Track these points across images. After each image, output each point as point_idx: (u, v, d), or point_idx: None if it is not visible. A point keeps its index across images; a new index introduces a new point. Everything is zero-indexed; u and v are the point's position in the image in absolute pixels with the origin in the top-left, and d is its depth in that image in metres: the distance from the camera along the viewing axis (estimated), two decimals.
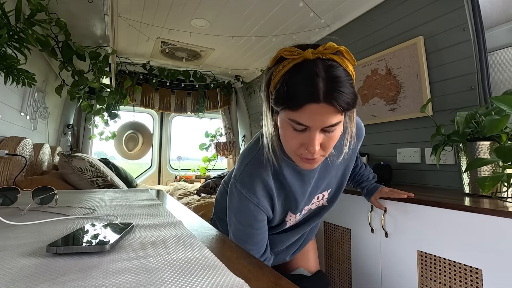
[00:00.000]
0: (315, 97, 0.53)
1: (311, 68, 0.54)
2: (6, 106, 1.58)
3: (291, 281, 0.31)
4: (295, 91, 0.55)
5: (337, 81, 0.54)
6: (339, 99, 0.54)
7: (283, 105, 0.57)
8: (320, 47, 0.56)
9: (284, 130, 0.62)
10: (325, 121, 0.56)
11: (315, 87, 0.53)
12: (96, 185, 1.72)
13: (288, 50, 0.57)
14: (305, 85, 0.54)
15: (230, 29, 2.32)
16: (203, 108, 3.69)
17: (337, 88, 0.53)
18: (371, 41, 1.88)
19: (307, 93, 0.54)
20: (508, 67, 1.41)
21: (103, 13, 1.48)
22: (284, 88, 0.56)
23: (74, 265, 0.31)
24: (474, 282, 0.90)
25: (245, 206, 0.72)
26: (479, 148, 1.08)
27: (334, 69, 0.55)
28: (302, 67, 0.55)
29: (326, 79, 0.54)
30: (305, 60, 0.56)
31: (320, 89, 0.53)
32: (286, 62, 0.57)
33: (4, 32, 1.08)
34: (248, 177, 0.71)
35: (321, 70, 0.54)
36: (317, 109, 0.54)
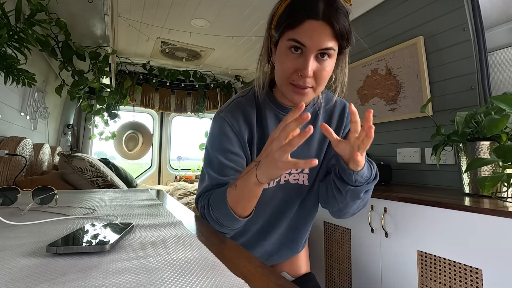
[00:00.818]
0: (315, 13, 0.57)
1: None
2: (6, 106, 1.58)
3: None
4: (295, 8, 0.60)
5: (335, 4, 0.59)
6: (337, 18, 0.58)
7: (284, 23, 0.61)
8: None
9: (280, 56, 0.65)
10: (322, 40, 0.59)
11: (314, 4, 0.58)
12: (96, 185, 1.72)
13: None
14: (306, 2, 0.59)
15: (230, 29, 2.32)
16: (203, 108, 3.69)
17: (336, 8, 0.59)
18: (371, 41, 1.88)
19: (306, 9, 0.58)
20: (508, 67, 1.41)
21: (103, 13, 1.48)
22: (285, 11, 0.61)
23: (74, 265, 0.31)
24: (474, 282, 0.90)
25: (224, 130, 0.72)
26: (479, 148, 1.08)
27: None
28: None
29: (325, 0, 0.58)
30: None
31: (319, 7, 0.58)
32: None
33: (4, 32, 1.08)
34: (234, 107, 0.74)
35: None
36: (316, 26, 0.58)
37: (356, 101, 1.99)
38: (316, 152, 0.80)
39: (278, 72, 0.67)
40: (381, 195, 1.21)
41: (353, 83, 2.01)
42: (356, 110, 0.58)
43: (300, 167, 0.50)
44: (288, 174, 0.79)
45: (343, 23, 0.60)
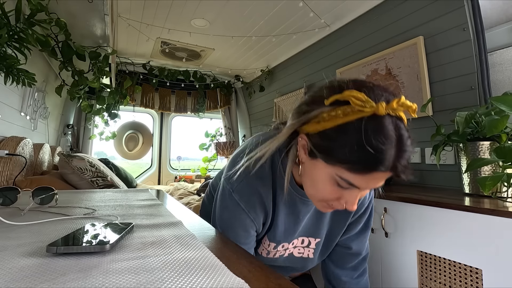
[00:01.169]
0: (385, 166, 0.47)
1: (383, 131, 0.46)
2: (6, 106, 1.58)
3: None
4: (364, 155, 0.47)
5: (407, 150, 0.49)
6: (406, 171, 0.50)
7: (342, 164, 0.49)
8: (394, 102, 0.48)
9: (321, 181, 0.54)
10: (378, 184, 0.52)
11: (387, 156, 0.47)
12: (96, 185, 1.72)
13: (359, 99, 0.47)
14: (379, 151, 0.46)
15: (230, 29, 2.32)
16: (203, 108, 3.69)
17: (406, 158, 0.49)
18: (371, 41, 1.88)
19: (378, 161, 0.47)
20: (508, 67, 1.41)
21: (103, 13, 1.48)
22: (343, 142, 0.48)
23: (74, 265, 0.31)
24: (474, 282, 0.90)
25: (241, 219, 0.66)
26: (479, 148, 1.08)
27: (403, 133, 0.48)
28: (373, 127, 0.47)
29: (396, 146, 0.47)
30: (374, 115, 0.47)
31: (391, 157, 0.47)
32: (349, 109, 0.48)
33: (4, 32, 1.08)
34: (249, 190, 0.65)
35: (392, 134, 0.47)
36: (380, 175, 0.49)
37: None
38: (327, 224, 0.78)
39: (313, 190, 0.58)
40: (381, 195, 1.21)
41: None
42: None
43: None
44: (293, 247, 0.77)
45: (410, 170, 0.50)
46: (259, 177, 0.65)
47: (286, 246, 0.75)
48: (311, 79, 2.50)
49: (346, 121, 0.48)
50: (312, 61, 2.47)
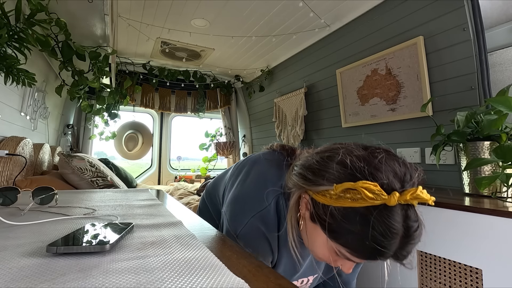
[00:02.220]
0: (385, 257, 0.47)
1: (390, 227, 0.45)
2: (6, 106, 1.58)
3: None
4: (366, 247, 0.46)
5: (412, 243, 0.47)
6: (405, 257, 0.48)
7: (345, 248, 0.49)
8: (408, 195, 0.45)
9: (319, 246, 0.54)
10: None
11: (390, 249, 0.46)
12: (96, 185, 1.72)
13: (372, 191, 0.44)
14: (382, 246, 0.45)
15: (230, 29, 2.32)
16: (203, 108, 3.69)
17: (410, 250, 0.48)
18: (371, 41, 1.88)
19: (379, 254, 0.46)
20: (508, 67, 1.41)
21: (103, 13, 1.48)
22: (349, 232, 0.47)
23: (74, 265, 0.31)
24: (474, 282, 0.90)
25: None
26: (479, 148, 1.08)
27: (411, 224, 0.47)
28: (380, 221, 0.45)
29: (401, 239, 0.46)
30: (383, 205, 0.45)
31: (393, 249, 0.46)
32: (358, 195, 0.46)
33: (4, 32, 1.08)
34: (254, 234, 0.62)
35: (399, 227, 0.45)
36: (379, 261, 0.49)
37: (356, 101, 1.99)
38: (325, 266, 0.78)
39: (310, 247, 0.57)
40: None
41: (353, 83, 2.01)
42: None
43: None
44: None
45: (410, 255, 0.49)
46: (263, 219, 0.62)
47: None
48: (311, 79, 2.50)
49: (353, 207, 0.46)
50: (312, 61, 2.47)
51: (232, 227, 0.64)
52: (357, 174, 0.47)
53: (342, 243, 0.48)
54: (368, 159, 0.50)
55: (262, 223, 0.62)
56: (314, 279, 0.79)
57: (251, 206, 0.63)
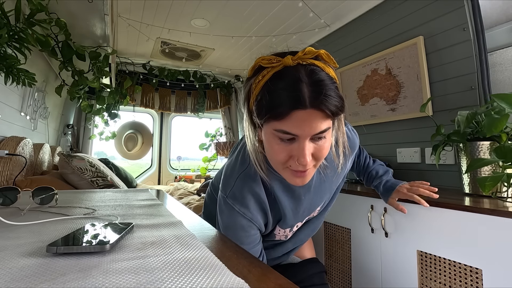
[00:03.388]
0: (302, 102, 0.50)
1: (293, 74, 0.52)
2: (6, 106, 1.58)
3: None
4: (279, 98, 0.51)
5: (322, 84, 0.51)
6: (327, 102, 0.51)
7: (267, 114, 0.53)
8: (299, 53, 0.53)
9: (269, 143, 0.58)
10: (314, 127, 0.53)
11: (300, 92, 0.50)
12: (96, 185, 1.72)
13: (266, 59, 0.55)
14: (289, 91, 0.51)
15: (230, 29, 2.32)
16: (203, 108, 3.70)
17: (323, 91, 0.51)
18: (371, 41, 1.88)
19: (292, 99, 0.51)
20: (508, 67, 1.41)
21: (103, 13, 1.48)
22: (266, 98, 0.53)
23: (74, 265, 0.31)
24: (474, 282, 0.90)
25: (238, 222, 0.68)
26: (479, 148, 1.08)
27: (317, 73, 0.52)
28: (283, 74, 0.53)
29: (310, 83, 0.51)
30: (285, 67, 0.53)
31: (305, 94, 0.50)
32: (265, 71, 0.54)
33: (4, 32, 1.08)
34: (240, 191, 0.67)
35: (303, 75, 0.52)
36: (305, 115, 0.51)
37: (356, 101, 1.99)
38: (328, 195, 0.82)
39: (271, 157, 0.61)
40: None
41: (353, 83, 2.01)
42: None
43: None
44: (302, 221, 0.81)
45: (334, 101, 0.52)
46: (248, 176, 0.68)
47: (300, 224, 0.81)
48: None
49: (265, 81, 0.54)
50: None
51: (223, 191, 0.70)
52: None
53: (265, 114, 0.54)
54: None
55: (246, 180, 0.68)
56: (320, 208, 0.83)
57: (237, 169, 0.70)
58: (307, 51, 0.53)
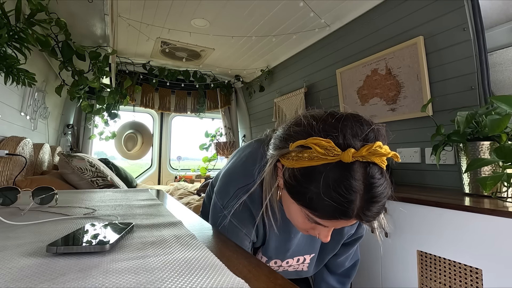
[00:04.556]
0: (347, 216, 0.45)
1: (346, 182, 0.43)
2: (6, 106, 1.58)
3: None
4: (325, 205, 0.45)
5: (377, 200, 0.45)
6: (372, 218, 0.47)
7: (305, 207, 0.48)
8: (364, 150, 0.44)
9: (293, 213, 0.54)
10: (347, 225, 0.51)
11: (350, 207, 0.44)
12: (96, 185, 1.72)
13: (322, 146, 0.44)
14: (339, 203, 0.44)
15: (230, 29, 2.32)
16: (203, 108, 3.70)
17: (374, 210, 0.46)
18: (371, 41, 1.88)
19: (338, 212, 0.45)
20: (508, 67, 1.41)
21: (103, 13, 1.48)
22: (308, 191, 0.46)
23: (74, 265, 0.31)
24: (474, 282, 0.90)
25: (234, 233, 0.66)
26: (479, 148, 1.08)
27: (374, 181, 0.44)
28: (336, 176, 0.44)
29: (364, 196, 0.44)
30: (340, 161, 0.44)
31: (355, 208, 0.44)
32: (314, 154, 0.45)
33: (4, 32, 1.08)
34: (239, 206, 0.64)
35: (358, 183, 0.44)
36: (344, 221, 0.48)
37: (356, 101, 1.99)
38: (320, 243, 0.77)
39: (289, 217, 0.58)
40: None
41: (353, 83, 2.01)
42: None
43: None
44: (288, 266, 0.77)
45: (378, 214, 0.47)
46: (250, 196, 0.64)
47: (279, 263, 0.75)
48: (311, 79, 2.50)
49: (311, 165, 0.46)
50: (312, 61, 2.47)
51: (219, 198, 0.67)
52: (311, 131, 0.48)
53: (304, 204, 0.48)
54: (324, 118, 0.49)
55: (247, 197, 0.63)
56: (311, 260, 0.78)
57: (239, 180, 0.65)
58: (374, 150, 0.44)
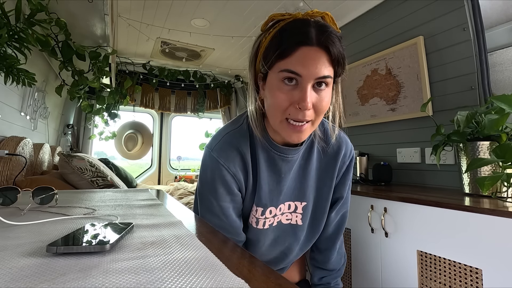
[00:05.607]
0: (308, 38, 0.55)
1: (302, 20, 0.58)
2: (6, 106, 1.58)
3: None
4: (286, 37, 0.56)
5: (328, 28, 0.57)
6: (332, 42, 0.56)
7: (274, 52, 0.57)
8: (309, 11, 0.60)
9: (272, 91, 0.60)
10: (318, 68, 0.56)
11: (307, 30, 0.56)
12: (96, 185, 1.72)
13: (279, 14, 0.61)
14: (297, 29, 0.56)
15: (230, 29, 2.32)
16: (203, 108, 3.70)
17: (328, 31, 0.56)
18: (371, 41, 1.88)
19: (298, 36, 0.55)
20: (508, 67, 1.41)
21: (103, 13, 1.48)
22: (274, 42, 0.58)
23: (74, 265, 0.31)
24: (474, 282, 0.90)
25: (221, 175, 0.67)
26: (479, 148, 1.08)
27: (323, 22, 0.59)
28: (293, 21, 0.59)
29: (317, 26, 0.57)
30: (295, 19, 0.59)
31: (312, 33, 0.55)
32: (276, 25, 0.60)
33: (4, 32, 1.08)
34: (227, 145, 0.68)
35: (311, 21, 0.58)
36: (310, 52, 0.55)
37: (356, 101, 1.99)
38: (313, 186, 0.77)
39: (271, 108, 0.61)
40: (381, 195, 1.21)
41: (353, 83, 2.01)
42: None
43: None
44: (280, 213, 0.76)
45: (339, 47, 0.57)
46: (237, 134, 0.70)
47: (274, 211, 0.74)
48: None
49: (275, 31, 0.59)
50: None
51: (209, 146, 0.71)
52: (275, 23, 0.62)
53: (273, 54, 0.57)
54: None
55: (235, 138, 0.69)
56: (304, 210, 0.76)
57: (227, 127, 0.73)
58: (315, 10, 0.60)
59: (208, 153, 0.70)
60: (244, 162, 0.69)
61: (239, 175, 0.69)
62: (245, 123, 0.71)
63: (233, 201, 0.70)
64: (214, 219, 0.70)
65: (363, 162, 1.78)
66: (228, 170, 0.67)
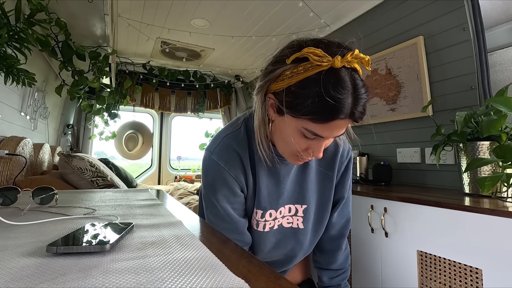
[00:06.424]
0: (344, 113, 0.52)
1: (340, 82, 0.52)
2: (6, 106, 1.58)
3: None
4: (323, 104, 0.51)
5: (362, 97, 0.54)
6: (362, 116, 0.55)
7: (306, 116, 0.54)
8: (348, 56, 0.53)
9: (288, 135, 0.59)
10: (340, 132, 0.57)
11: (345, 105, 0.52)
12: (96, 185, 1.72)
13: (316, 54, 0.52)
14: (334, 100, 0.51)
15: (230, 29, 2.32)
16: (203, 108, 3.70)
17: (362, 104, 0.54)
18: (371, 41, 1.88)
19: (337, 110, 0.52)
20: (508, 67, 1.41)
21: (103, 13, 1.48)
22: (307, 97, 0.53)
23: (74, 265, 0.31)
24: (474, 282, 0.90)
25: (224, 177, 0.68)
26: (479, 148, 1.08)
27: (358, 82, 0.53)
28: (331, 79, 0.52)
29: (353, 94, 0.53)
30: (331, 68, 0.52)
31: (348, 105, 0.52)
32: (309, 65, 0.53)
33: (4, 32, 1.08)
34: (226, 148, 0.69)
35: (348, 84, 0.52)
36: (341, 123, 0.54)
37: None
38: (314, 188, 0.78)
39: (282, 143, 0.63)
40: (381, 195, 1.21)
41: None
42: None
43: None
44: (281, 216, 0.76)
45: (365, 112, 0.55)
46: (235, 138, 0.70)
47: (274, 214, 0.75)
48: None
49: (307, 76, 0.53)
50: None
51: (208, 149, 0.72)
52: (303, 45, 0.56)
53: (305, 113, 0.54)
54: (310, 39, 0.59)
55: (233, 140, 0.70)
56: (305, 213, 0.77)
57: (226, 129, 0.73)
58: (356, 55, 0.54)
59: (208, 156, 0.71)
60: (243, 164, 0.70)
61: (240, 177, 0.70)
62: (243, 126, 0.72)
63: (237, 202, 0.71)
64: (222, 223, 0.71)
65: (363, 162, 1.78)
66: (229, 172, 0.68)
